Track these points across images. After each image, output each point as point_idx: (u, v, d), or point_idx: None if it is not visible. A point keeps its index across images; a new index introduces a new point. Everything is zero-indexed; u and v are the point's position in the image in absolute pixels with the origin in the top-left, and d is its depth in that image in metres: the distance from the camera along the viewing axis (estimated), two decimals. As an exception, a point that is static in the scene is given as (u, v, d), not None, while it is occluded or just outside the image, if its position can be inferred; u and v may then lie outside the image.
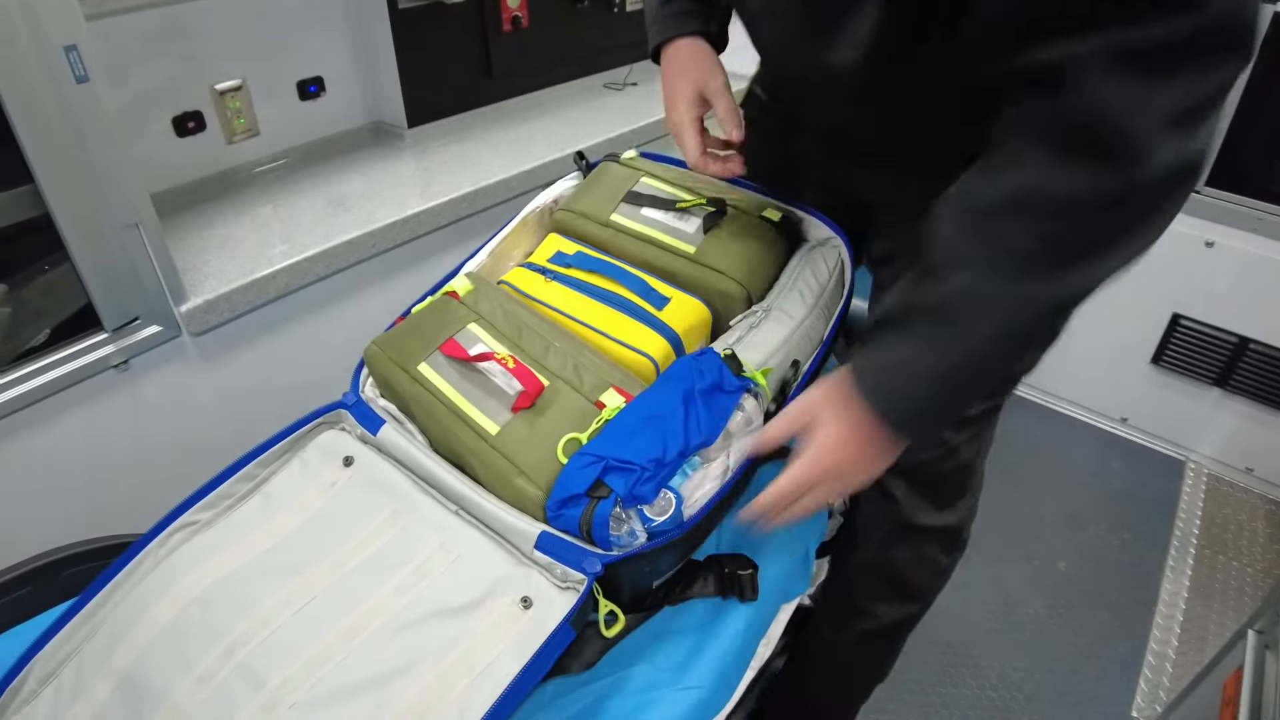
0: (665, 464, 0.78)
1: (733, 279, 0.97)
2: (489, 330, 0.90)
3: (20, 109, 0.87)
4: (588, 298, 0.97)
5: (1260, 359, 1.85)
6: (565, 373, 0.86)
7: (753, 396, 0.85)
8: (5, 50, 0.84)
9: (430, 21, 1.59)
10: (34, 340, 1.03)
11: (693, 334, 0.95)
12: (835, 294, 1.02)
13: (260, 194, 1.43)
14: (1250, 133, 1.72)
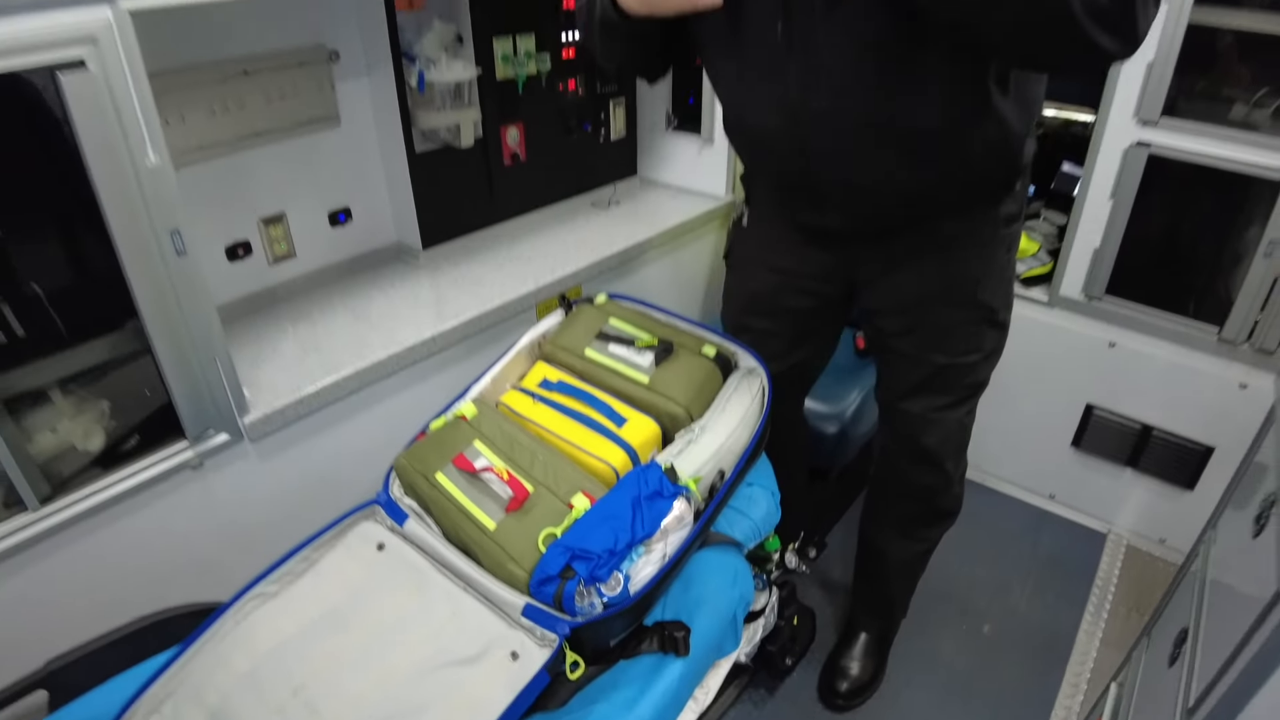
0: (617, 553, 1.05)
1: (677, 403, 1.26)
2: (489, 446, 1.18)
3: (138, 275, 1.15)
4: (566, 417, 1.26)
5: (1162, 444, 2.11)
6: (546, 480, 1.14)
7: (685, 500, 1.11)
8: (131, 232, 1.12)
9: (442, 161, 1.90)
10: (125, 446, 1.30)
11: (646, 446, 1.23)
12: (757, 412, 1.30)
13: (299, 311, 1.70)
14: (1140, 252, 2.03)
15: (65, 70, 1.02)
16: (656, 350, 1.33)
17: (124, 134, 1.08)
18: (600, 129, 2.30)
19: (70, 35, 1.01)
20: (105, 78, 1.05)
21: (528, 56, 1.99)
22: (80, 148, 1.06)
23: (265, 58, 1.59)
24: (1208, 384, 1.99)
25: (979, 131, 1.15)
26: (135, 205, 1.12)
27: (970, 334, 1.39)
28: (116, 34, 1.05)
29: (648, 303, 1.50)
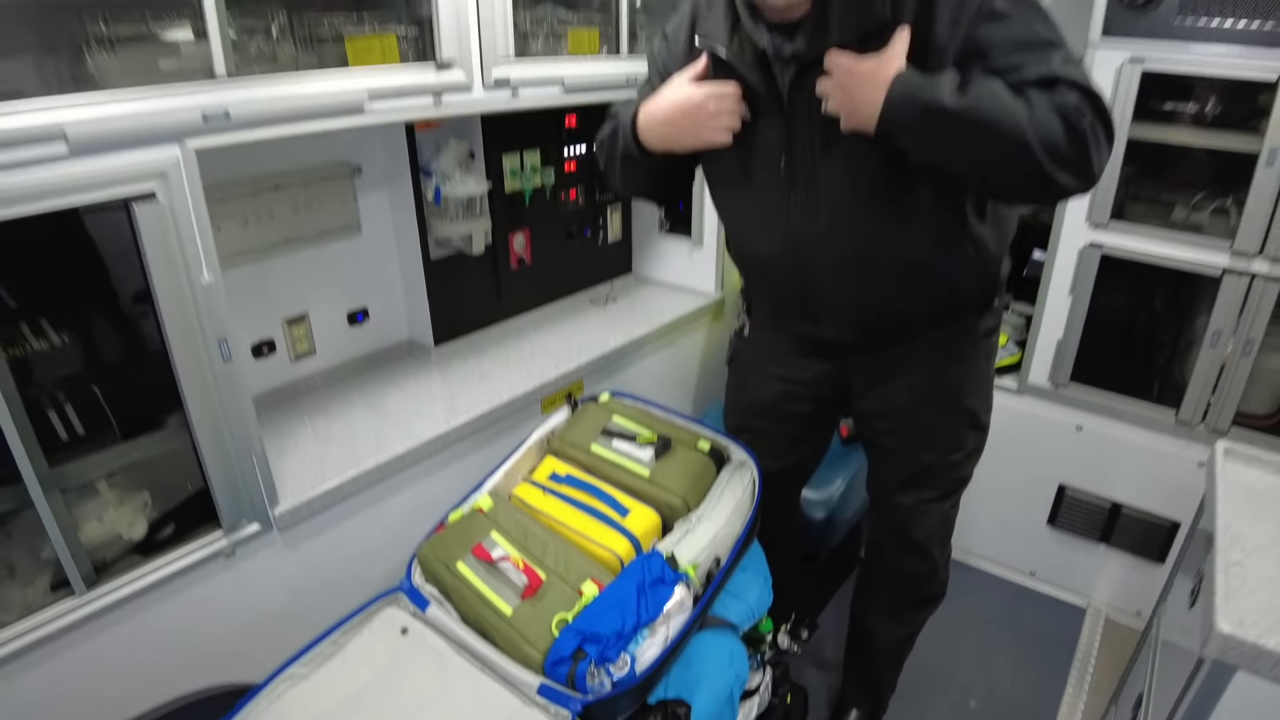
0: (624, 635, 1.15)
1: (675, 494, 1.38)
2: (505, 537, 1.29)
3: (189, 378, 1.27)
4: (574, 509, 1.37)
5: (1131, 520, 2.24)
6: (558, 569, 1.24)
7: (685, 586, 1.22)
8: (185, 341, 1.25)
9: (454, 266, 2.05)
10: (163, 534, 1.39)
11: (647, 535, 1.34)
12: (748, 502, 1.41)
13: (318, 405, 1.81)
14: (1100, 342, 2.19)
15: (138, 201, 1.17)
16: (656, 446, 1.45)
17: (183, 255, 1.23)
18: (599, 233, 2.48)
19: (145, 171, 1.17)
20: (171, 207, 1.20)
21: (534, 170, 2.18)
22: (146, 267, 1.20)
23: (295, 173, 1.76)
24: (1169, 463, 2.13)
25: (960, 256, 1.32)
26: (190, 317, 1.26)
27: (955, 435, 1.53)
28: (183, 169, 1.21)
29: (647, 400, 1.63)
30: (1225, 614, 1.01)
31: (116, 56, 1.22)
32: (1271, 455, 1.41)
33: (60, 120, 1.07)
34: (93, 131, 1.10)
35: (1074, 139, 1.03)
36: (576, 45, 1.93)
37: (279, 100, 1.32)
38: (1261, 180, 1.84)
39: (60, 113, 1.08)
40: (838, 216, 1.27)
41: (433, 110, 1.57)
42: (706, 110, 1.25)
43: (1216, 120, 1.98)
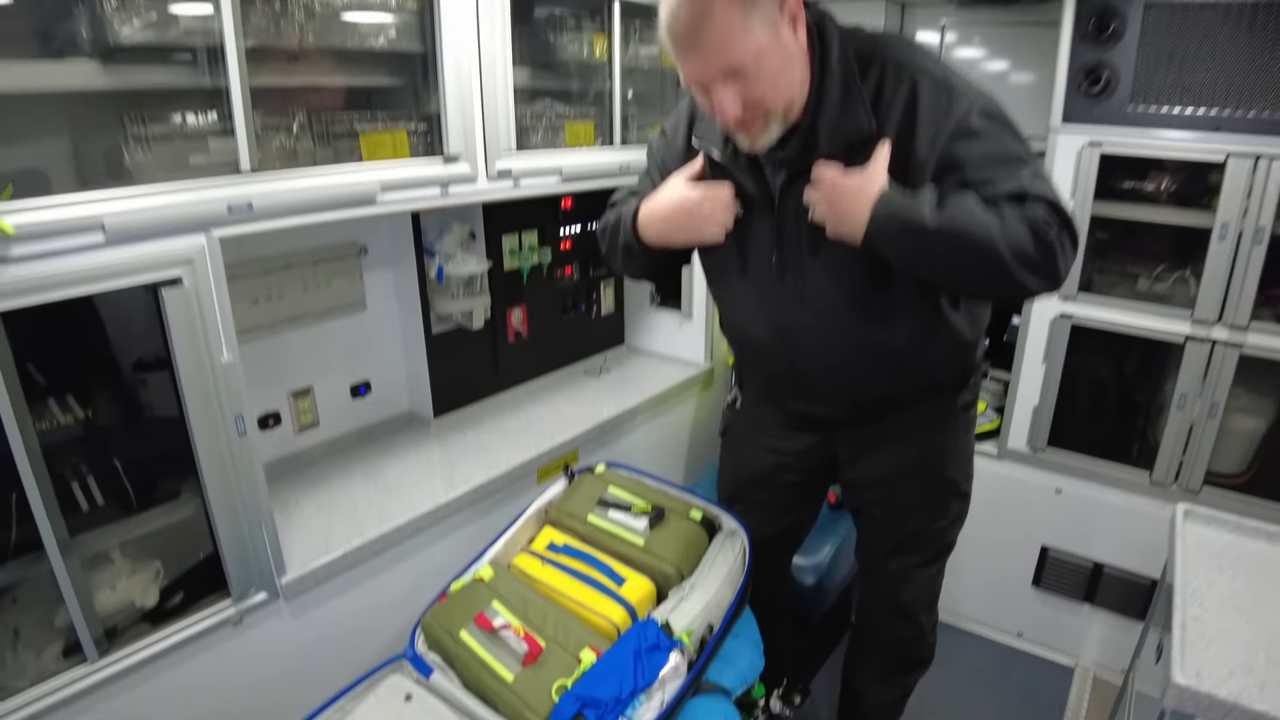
0: (621, 700, 1.19)
1: (669, 563, 1.44)
2: (506, 606, 1.34)
3: (206, 452, 1.34)
4: (571, 578, 1.42)
5: (1113, 579, 2.29)
6: (557, 637, 1.29)
7: (679, 652, 1.27)
8: (204, 416, 1.33)
9: (455, 340, 2.14)
10: (172, 602, 1.43)
11: (643, 603, 1.39)
12: (739, 570, 1.47)
13: (322, 477, 1.87)
14: (1075, 407, 2.29)
15: (166, 286, 1.26)
16: (650, 516, 1.52)
17: (205, 335, 1.31)
18: (593, 306, 2.59)
19: (174, 259, 1.26)
20: (196, 291, 1.29)
21: (531, 249, 2.29)
22: (171, 347, 1.28)
23: (305, 253, 1.86)
24: (1146, 523, 2.19)
25: (937, 344, 1.42)
26: (209, 393, 1.33)
27: (938, 504, 1.61)
28: (208, 256, 1.30)
29: (641, 470, 1.70)
30: (1182, 667, 1.07)
31: (151, 152, 1.33)
32: (1228, 515, 1.49)
33: (100, 212, 1.18)
34: (128, 222, 1.20)
35: (1042, 249, 1.13)
36: (573, 137, 2.06)
37: (298, 192, 1.43)
38: (1215, 253, 1.97)
39: (99, 205, 1.18)
40: (823, 311, 1.36)
41: (440, 200, 1.69)
42: (702, 211, 1.36)
43: (1172, 198, 2.12)
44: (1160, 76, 1.98)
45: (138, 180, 1.28)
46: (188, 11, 1.30)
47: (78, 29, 1.24)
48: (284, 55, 1.47)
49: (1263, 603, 1.31)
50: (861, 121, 1.20)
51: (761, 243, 1.37)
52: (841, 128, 1.20)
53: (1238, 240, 1.94)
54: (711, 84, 1.15)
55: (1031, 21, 2.43)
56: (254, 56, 1.37)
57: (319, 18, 1.49)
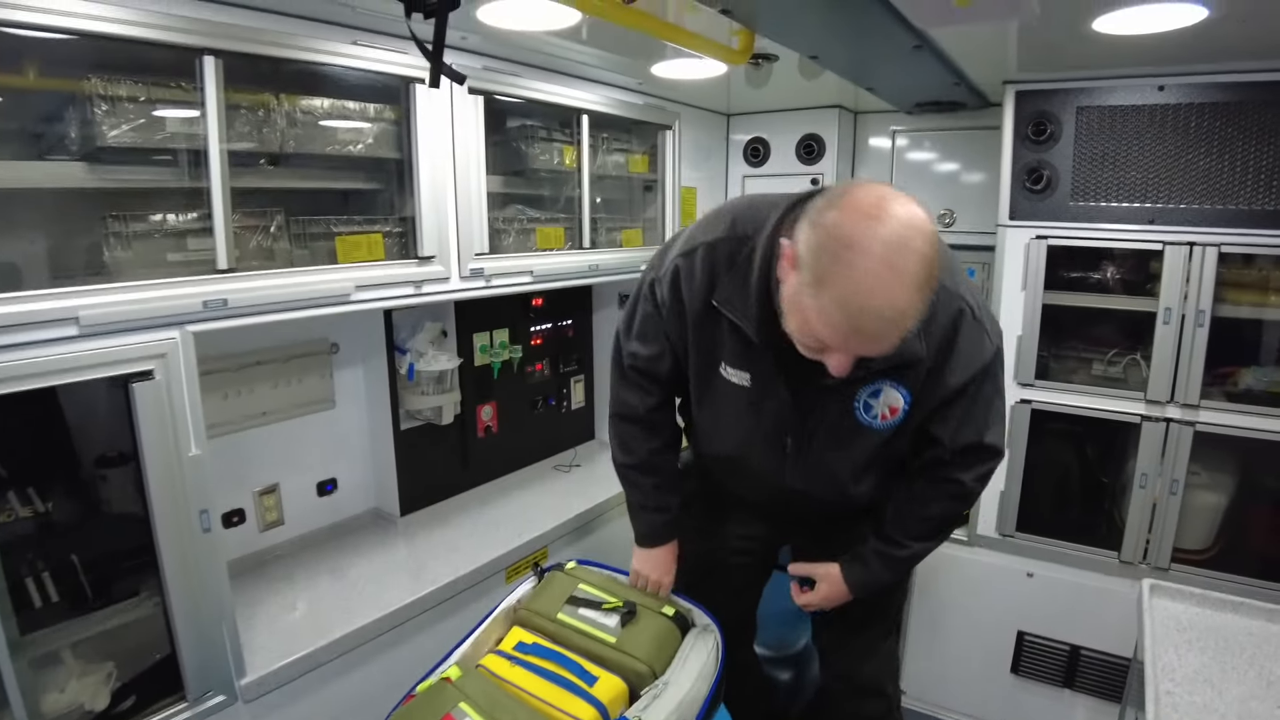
0: None
1: (641, 661, 1.40)
2: (473, 706, 1.28)
3: (169, 547, 1.31)
4: (541, 678, 1.37)
5: (1091, 662, 2.27)
6: (527, 743, 1.24)
7: None
8: (168, 511, 1.30)
9: (423, 436, 2.14)
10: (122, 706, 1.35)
11: (615, 703, 1.35)
12: (713, 665, 1.44)
13: (286, 575, 1.82)
14: (1041, 491, 2.32)
15: (137, 380, 1.26)
16: (622, 612, 1.49)
17: (174, 429, 1.31)
18: (563, 402, 2.61)
19: (147, 353, 1.28)
20: (167, 385, 1.30)
21: (503, 346, 2.33)
22: (138, 439, 1.27)
23: (276, 349, 1.87)
24: (1118, 602, 2.19)
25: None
26: (176, 487, 1.32)
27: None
28: (181, 351, 1.31)
29: (612, 567, 1.68)
30: None
31: (130, 249, 1.36)
32: (1193, 589, 1.50)
33: (75, 305, 1.19)
34: (103, 315, 1.22)
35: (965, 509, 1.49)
36: (544, 240, 2.13)
37: (273, 289, 1.45)
38: (1161, 336, 2.06)
39: (75, 299, 1.20)
40: (817, 479, 1.45)
41: (413, 299, 1.73)
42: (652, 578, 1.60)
43: (1118, 285, 2.23)
44: (1096, 174, 2.12)
45: (116, 276, 1.31)
46: (174, 115, 1.36)
47: (67, 130, 1.29)
48: (264, 158, 1.53)
49: (1232, 674, 1.31)
50: (917, 350, 1.27)
51: (770, 418, 1.41)
52: (899, 352, 1.20)
53: (1181, 323, 2.03)
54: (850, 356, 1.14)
55: (976, 126, 2.60)
56: (235, 159, 1.42)
57: (300, 124, 1.56)
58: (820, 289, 1.05)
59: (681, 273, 1.39)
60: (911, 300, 1.04)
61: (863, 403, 1.35)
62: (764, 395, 1.38)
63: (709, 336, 1.40)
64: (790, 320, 1.16)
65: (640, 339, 1.50)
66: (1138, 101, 2.04)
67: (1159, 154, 2.04)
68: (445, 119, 1.74)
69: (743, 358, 1.38)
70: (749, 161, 2.93)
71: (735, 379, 1.40)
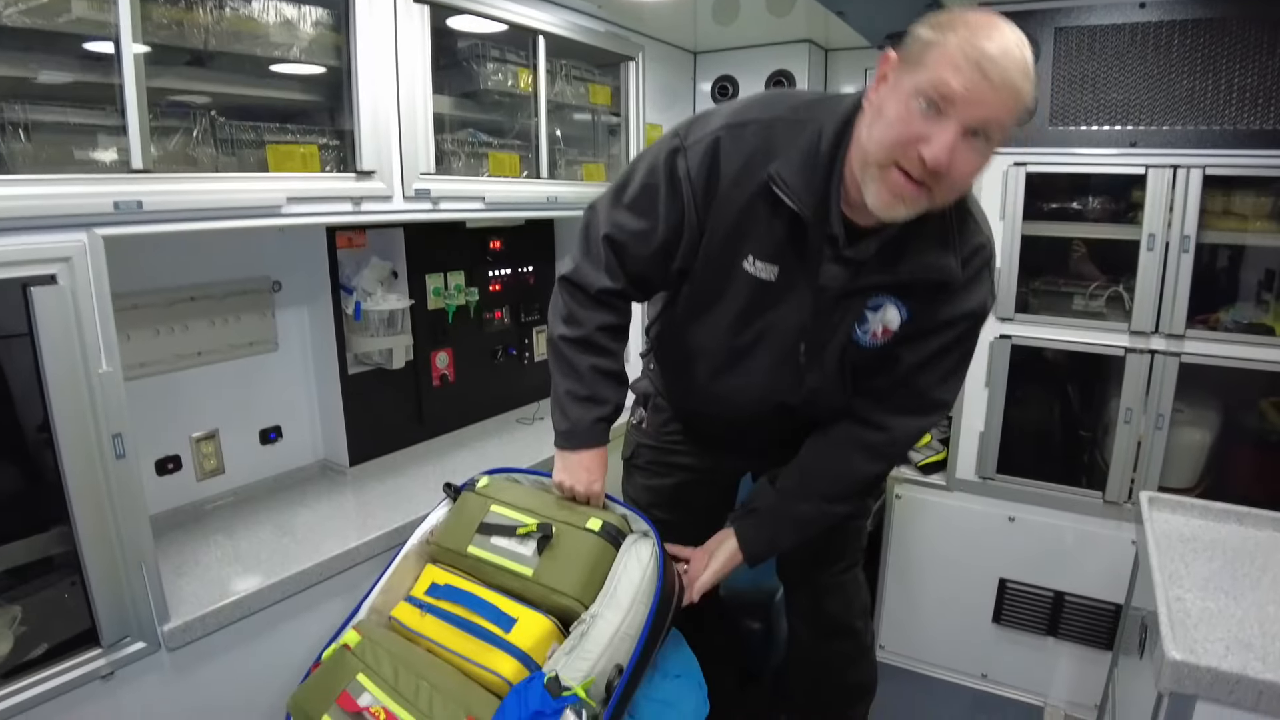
0: None
1: (564, 594, 1.25)
2: (372, 678, 1.16)
3: (77, 476, 1.18)
4: (453, 627, 1.24)
5: (1076, 608, 2.19)
6: (431, 712, 1.11)
7: (574, 712, 1.07)
8: (76, 434, 1.17)
9: (373, 382, 2.01)
10: (32, 654, 1.22)
11: (539, 646, 1.21)
12: (652, 578, 1.26)
13: (224, 525, 1.70)
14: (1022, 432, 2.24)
15: (37, 284, 1.13)
16: (536, 538, 1.30)
17: (82, 343, 1.17)
18: (524, 353, 2.48)
19: (48, 255, 1.14)
20: (73, 292, 1.16)
21: (458, 290, 2.20)
22: (38, 352, 1.14)
23: (212, 285, 1.74)
24: (1103, 545, 2.12)
25: None
26: (83, 407, 1.18)
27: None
28: (89, 256, 1.18)
29: (532, 470, 1.53)
30: (1175, 643, 0.98)
31: (31, 142, 1.22)
32: (1194, 501, 1.43)
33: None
34: (-2, 210, 1.08)
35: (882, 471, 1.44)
36: (497, 167, 2.01)
37: (196, 195, 1.32)
38: (1145, 263, 1.98)
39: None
40: (807, 397, 1.35)
41: (352, 217, 1.60)
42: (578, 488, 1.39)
43: (1099, 215, 2.15)
44: (1076, 97, 2.02)
45: (13, 171, 1.17)
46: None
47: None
48: (187, 57, 1.39)
49: (1244, 581, 1.23)
50: (953, 271, 1.21)
51: (786, 321, 1.29)
52: (935, 267, 1.20)
53: (1165, 250, 1.96)
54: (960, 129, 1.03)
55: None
56: (153, 57, 1.29)
57: (227, 22, 1.42)
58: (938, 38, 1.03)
59: (723, 145, 1.21)
60: (1026, 73, 1.02)
61: (861, 316, 1.27)
62: (788, 291, 1.25)
63: (738, 224, 1.24)
64: (881, 119, 1.08)
65: (631, 209, 1.30)
66: (1118, 20, 1.95)
67: (1141, 74, 1.95)
68: (388, 26, 1.61)
69: (776, 249, 1.24)
70: (716, 101, 2.81)
71: (762, 273, 1.25)
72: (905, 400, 1.32)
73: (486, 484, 1.46)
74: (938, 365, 1.29)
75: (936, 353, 1.27)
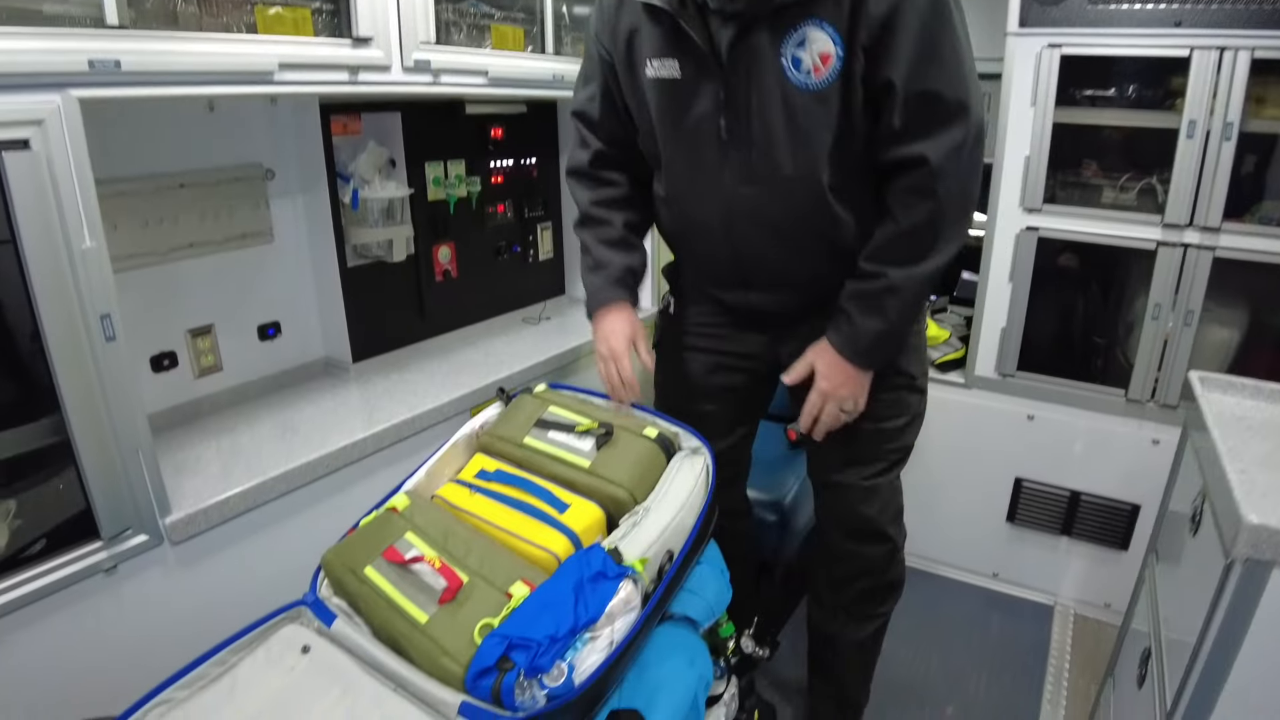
0: (559, 639, 0.98)
1: (620, 485, 1.24)
2: (421, 537, 1.13)
3: (64, 359, 1.11)
4: (504, 506, 1.22)
5: (1092, 508, 2.19)
6: (483, 570, 1.09)
7: (631, 582, 1.07)
8: (61, 314, 1.10)
9: (374, 275, 1.92)
10: (31, 548, 1.18)
11: (589, 532, 1.19)
12: (702, 491, 1.28)
13: (224, 422, 1.65)
14: (1045, 329, 2.17)
15: (9, 149, 1.04)
16: (597, 435, 1.31)
17: (62, 214, 1.09)
18: (529, 250, 2.39)
19: (19, 117, 1.04)
20: (48, 159, 1.07)
21: (458, 180, 2.08)
22: (14, 225, 1.05)
23: (202, 173, 1.63)
24: (1124, 444, 2.10)
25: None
26: (66, 287, 1.11)
27: (892, 400, 1.46)
28: (64, 119, 1.08)
29: (588, 389, 1.51)
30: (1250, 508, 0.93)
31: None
32: (1245, 380, 1.37)
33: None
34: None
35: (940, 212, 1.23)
36: (500, 40, 1.86)
37: (179, 55, 1.20)
38: (1184, 152, 1.87)
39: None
40: (768, 180, 1.28)
41: (349, 88, 1.48)
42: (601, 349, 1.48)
43: (1136, 102, 2.02)
44: (1119, -29, 1.87)
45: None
46: None
47: None
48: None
49: None
50: None
51: (706, 106, 1.27)
52: None
53: (1205, 139, 1.85)
54: None
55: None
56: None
57: None
58: None
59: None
60: None
61: (790, 58, 1.20)
62: (700, 81, 1.27)
63: (630, 43, 1.34)
64: None
65: (582, 80, 1.50)
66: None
67: (1189, -54, 1.79)
68: None
69: (664, 44, 1.29)
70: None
71: (663, 71, 1.31)
72: (918, 121, 1.19)
73: (544, 389, 1.51)
74: (921, 63, 1.15)
75: (912, 54, 1.15)
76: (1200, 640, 0.90)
